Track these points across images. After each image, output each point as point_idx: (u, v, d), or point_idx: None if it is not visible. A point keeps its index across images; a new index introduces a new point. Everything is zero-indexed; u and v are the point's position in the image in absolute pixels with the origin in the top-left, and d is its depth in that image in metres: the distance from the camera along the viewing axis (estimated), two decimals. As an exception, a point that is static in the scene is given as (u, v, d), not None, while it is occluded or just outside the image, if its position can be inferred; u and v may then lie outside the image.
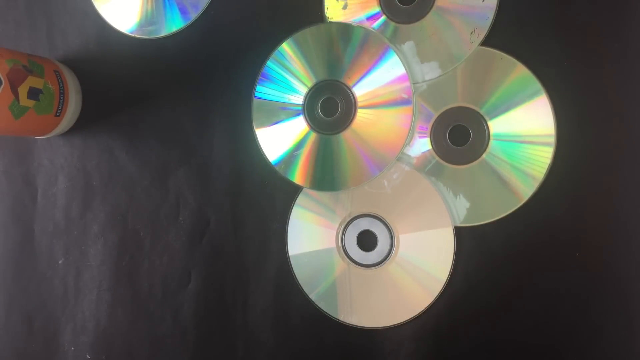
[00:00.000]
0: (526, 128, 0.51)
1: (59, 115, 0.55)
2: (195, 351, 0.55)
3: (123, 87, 0.57)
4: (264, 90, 0.55)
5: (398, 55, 0.52)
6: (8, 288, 0.58)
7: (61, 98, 0.54)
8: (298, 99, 0.54)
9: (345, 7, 0.54)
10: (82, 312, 0.57)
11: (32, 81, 0.51)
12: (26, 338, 0.58)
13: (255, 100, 0.55)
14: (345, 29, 0.54)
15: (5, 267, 0.59)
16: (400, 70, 0.53)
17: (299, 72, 0.54)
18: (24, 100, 0.50)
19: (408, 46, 0.53)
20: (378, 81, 0.53)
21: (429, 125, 0.53)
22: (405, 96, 0.53)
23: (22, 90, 0.50)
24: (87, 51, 0.58)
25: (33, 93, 0.51)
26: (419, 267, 0.52)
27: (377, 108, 0.53)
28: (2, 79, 0.48)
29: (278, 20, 0.55)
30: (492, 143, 0.52)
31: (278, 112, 0.55)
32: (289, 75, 0.55)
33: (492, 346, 0.52)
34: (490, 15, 0.51)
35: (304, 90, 0.54)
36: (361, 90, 0.53)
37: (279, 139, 0.55)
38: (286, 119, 0.55)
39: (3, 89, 0.48)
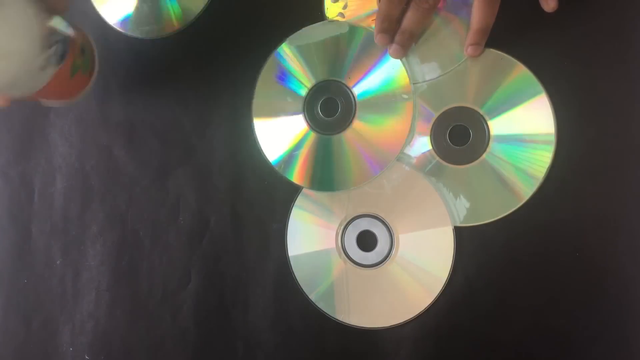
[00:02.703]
0: (526, 128, 0.51)
1: (89, 77, 0.52)
2: (195, 351, 0.55)
3: (123, 87, 0.57)
4: (263, 91, 0.55)
5: (398, 55, 0.53)
6: (6, 289, 0.58)
7: (93, 58, 0.52)
8: (298, 99, 0.54)
9: (345, 7, 0.54)
10: (81, 312, 0.57)
11: (82, 38, 0.49)
12: (24, 339, 0.57)
13: (255, 100, 0.55)
14: (345, 28, 0.54)
15: (3, 268, 0.58)
16: (401, 70, 0.53)
17: (299, 72, 0.54)
18: (77, 59, 0.48)
19: (408, 46, 0.53)
20: (378, 81, 0.53)
21: (429, 125, 0.53)
22: (406, 96, 0.53)
23: (77, 48, 0.48)
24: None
25: (82, 51, 0.49)
26: (418, 267, 0.52)
27: (377, 108, 0.53)
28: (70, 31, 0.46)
29: (278, 20, 0.55)
30: (493, 143, 0.52)
31: (278, 113, 0.55)
32: (288, 76, 0.55)
33: (492, 346, 0.52)
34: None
35: (304, 90, 0.54)
36: (361, 91, 0.53)
37: (279, 138, 0.55)
38: (286, 119, 0.55)
39: (70, 45, 0.46)
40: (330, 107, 0.54)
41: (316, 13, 0.55)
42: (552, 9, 0.48)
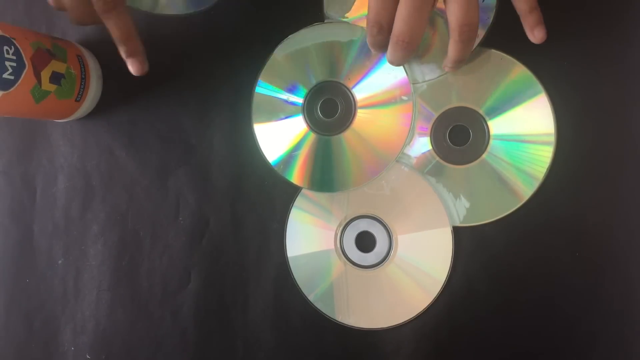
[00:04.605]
0: (526, 128, 0.51)
1: (79, 100, 0.54)
2: (195, 351, 0.55)
3: (123, 87, 0.57)
4: (263, 91, 0.55)
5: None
6: (8, 288, 0.58)
7: (82, 83, 0.54)
8: (298, 99, 0.54)
9: (344, 7, 0.54)
10: (82, 312, 0.57)
11: (55, 65, 0.51)
12: (26, 338, 0.58)
13: (254, 101, 0.55)
14: (345, 29, 0.54)
15: (5, 268, 0.59)
16: (400, 70, 0.52)
17: (298, 73, 0.54)
18: (46, 85, 0.50)
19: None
20: (378, 82, 0.53)
21: (429, 126, 0.53)
22: (405, 97, 0.53)
23: (45, 74, 0.49)
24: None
25: (55, 78, 0.51)
26: (417, 268, 0.52)
27: (377, 109, 0.53)
28: (25, 62, 0.48)
29: (278, 21, 0.55)
30: (492, 143, 0.52)
31: (277, 113, 0.55)
32: (288, 77, 0.54)
33: (491, 346, 0.52)
34: (490, 15, 0.51)
35: (303, 91, 0.54)
36: (361, 91, 0.53)
37: (279, 139, 0.55)
38: (285, 119, 0.55)
39: (26, 73, 0.48)
40: (329, 108, 0.54)
41: (316, 13, 0.55)
42: (540, 40, 0.47)
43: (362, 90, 0.53)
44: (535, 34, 0.47)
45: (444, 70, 0.52)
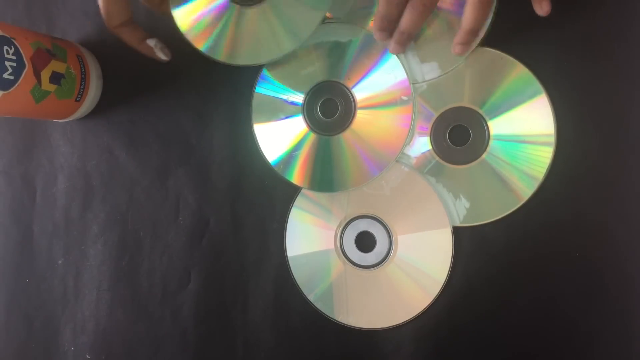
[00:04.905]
0: (526, 128, 0.51)
1: (79, 101, 0.54)
2: (195, 351, 0.55)
3: (123, 87, 0.57)
4: (263, 91, 0.55)
5: (398, 56, 0.52)
6: (8, 288, 0.58)
7: (82, 83, 0.54)
8: (298, 99, 0.54)
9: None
10: (82, 312, 0.57)
11: (55, 65, 0.51)
12: (26, 338, 0.58)
13: (254, 101, 0.55)
14: (345, 29, 0.54)
15: (5, 268, 0.59)
16: (400, 71, 0.52)
17: (298, 73, 0.54)
18: (46, 85, 0.50)
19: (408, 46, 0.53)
20: (378, 82, 0.53)
21: (429, 126, 0.53)
22: (405, 98, 0.53)
23: (45, 74, 0.50)
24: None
25: (55, 78, 0.51)
26: (417, 268, 0.52)
27: (377, 109, 0.53)
28: (25, 62, 0.48)
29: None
30: (492, 143, 0.52)
31: (277, 113, 0.55)
32: (288, 77, 0.54)
33: (491, 346, 0.52)
34: (490, 15, 0.51)
35: (303, 90, 0.54)
36: (361, 92, 0.53)
37: (278, 139, 0.55)
38: (285, 119, 0.55)
39: (26, 73, 0.48)
40: (329, 108, 0.54)
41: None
42: (546, 13, 0.48)
43: (362, 91, 0.53)
44: (543, 6, 0.48)
45: (448, 68, 0.52)
